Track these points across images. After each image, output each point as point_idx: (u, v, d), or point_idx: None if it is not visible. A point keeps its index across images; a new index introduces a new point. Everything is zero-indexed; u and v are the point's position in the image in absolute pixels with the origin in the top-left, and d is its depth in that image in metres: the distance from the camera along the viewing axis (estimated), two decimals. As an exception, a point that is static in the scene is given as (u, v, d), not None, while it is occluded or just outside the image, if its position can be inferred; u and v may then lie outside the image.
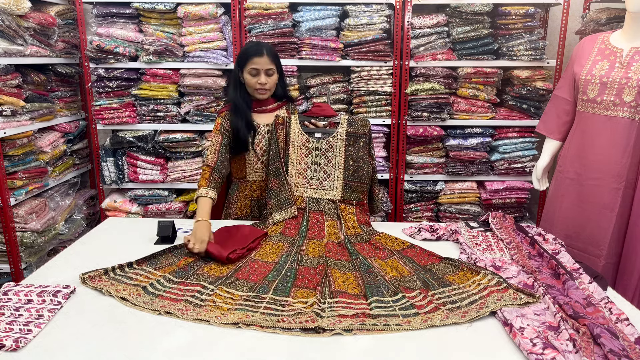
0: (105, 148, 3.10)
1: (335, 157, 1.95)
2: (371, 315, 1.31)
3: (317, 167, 1.94)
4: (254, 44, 2.01)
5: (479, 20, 2.91)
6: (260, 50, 1.96)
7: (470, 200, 3.18)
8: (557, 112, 2.30)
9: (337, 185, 1.98)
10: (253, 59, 1.95)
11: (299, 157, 1.95)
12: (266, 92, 2.03)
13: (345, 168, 1.96)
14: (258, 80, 1.98)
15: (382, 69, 3.02)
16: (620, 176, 2.03)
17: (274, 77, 2.02)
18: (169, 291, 1.44)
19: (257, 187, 2.12)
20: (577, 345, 1.13)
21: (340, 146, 1.96)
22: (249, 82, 2.00)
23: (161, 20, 2.99)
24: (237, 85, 2.05)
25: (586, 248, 2.16)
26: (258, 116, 2.08)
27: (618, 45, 2.05)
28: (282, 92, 2.13)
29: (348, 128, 1.97)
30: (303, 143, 1.96)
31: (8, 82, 2.57)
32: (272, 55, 1.98)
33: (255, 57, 1.95)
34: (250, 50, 1.97)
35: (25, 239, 2.70)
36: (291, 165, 1.97)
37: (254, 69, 1.97)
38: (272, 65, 1.98)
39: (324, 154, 1.96)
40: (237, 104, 2.03)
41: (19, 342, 1.17)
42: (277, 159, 1.97)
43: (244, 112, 2.02)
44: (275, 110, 2.12)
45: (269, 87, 2.02)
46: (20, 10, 2.56)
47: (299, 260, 1.66)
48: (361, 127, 1.98)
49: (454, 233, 1.93)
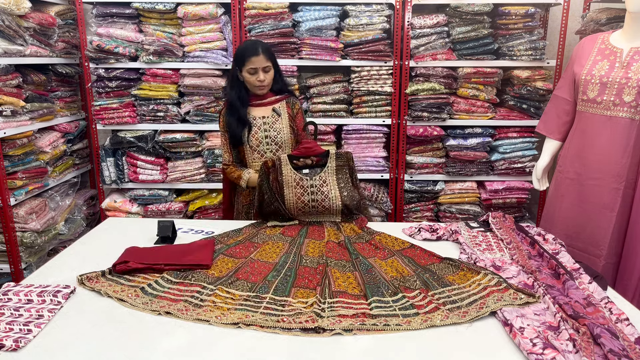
0: (105, 148, 3.10)
1: (331, 191, 1.98)
2: (371, 315, 1.31)
3: (314, 203, 1.98)
4: (249, 44, 2.11)
5: (479, 20, 2.91)
6: (256, 50, 2.07)
7: (470, 200, 3.18)
8: (557, 112, 2.30)
9: (337, 214, 2.02)
10: (250, 58, 2.07)
11: (295, 197, 1.98)
12: (265, 88, 2.16)
13: (342, 199, 1.99)
14: (257, 78, 2.10)
15: (382, 69, 3.02)
16: (620, 176, 2.03)
17: (271, 73, 2.14)
18: (168, 291, 1.44)
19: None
20: (577, 345, 1.13)
21: (333, 180, 2.00)
22: (249, 80, 2.12)
23: (161, 20, 2.99)
24: (235, 83, 2.17)
25: (586, 248, 2.16)
26: (255, 109, 2.19)
27: (618, 45, 2.05)
28: (280, 85, 2.22)
29: (337, 162, 2.02)
30: (297, 182, 1.99)
31: (8, 82, 2.57)
32: (267, 53, 2.09)
33: (253, 57, 2.06)
34: (247, 51, 2.08)
35: (25, 239, 2.70)
36: (289, 205, 1.99)
37: (251, 68, 2.08)
38: (268, 62, 2.10)
39: (319, 189, 1.98)
40: (231, 102, 2.17)
41: (19, 342, 1.17)
42: (274, 200, 1.98)
43: (238, 110, 2.15)
44: (273, 103, 2.21)
45: (267, 83, 2.14)
46: (20, 10, 2.56)
47: (299, 260, 1.66)
48: (345, 159, 2.04)
49: (454, 233, 1.93)
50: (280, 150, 2.18)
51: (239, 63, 2.11)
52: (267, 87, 2.15)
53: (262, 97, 2.19)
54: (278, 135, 2.17)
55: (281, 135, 2.17)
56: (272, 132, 2.16)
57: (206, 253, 1.67)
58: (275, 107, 2.20)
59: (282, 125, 2.18)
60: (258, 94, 2.17)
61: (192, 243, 1.80)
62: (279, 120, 2.18)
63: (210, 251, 1.69)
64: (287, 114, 2.21)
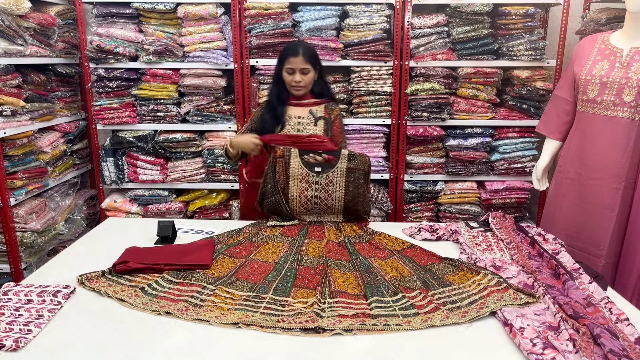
0: (105, 148, 3.10)
1: (335, 191, 1.99)
2: (371, 315, 1.31)
3: (317, 200, 2.00)
4: (292, 44, 2.17)
5: (479, 20, 2.91)
6: (296, 51, 2.10)
7: (470, 200, 3.18)
8: (557, 112, 2.30)
9: (338, 213, 2.04)
10: (289, 58, 2.10)
11: (299, 190, 1.99)
12: (301, 89, 2.17)
13: (346, 202, 2.00)
14: (293, 78, 2.13)
15: (382, 69, 3.02)
16: (620, 176, 2.03)
17: (310, 76, 2.15)
18: (168, 292, 1.44)
19: None
20: (577, 345, 1.13)
21: (340, 181, 1.99)
22: (286, 79, 2.16)
23: (161, 20, 2.99)
24: (276, 82, 2.22)
25: (586, 248, 2.16)
26: (292, 109, 2.21)
27: (618, 45, 2.05)
28: (321, 90, 2.23)
29: (348, 163, 1.99)
30: (303, 177, 1.99)
31: (8, 82, 2.57)
32: (307, 55, 2.11)
33: (291, 57, 2.10)
34: (287, 51, 2.13)
35: (25, 239, 2.70)
36: (291, 198, 1.99)
37: (289, 68, 2.12)
38: (307, 64, 2.11)
39: (324, 188, 1.99)
40: (271, 100, 2.23)
41: (19, 342, 1.17)
42: (276, 192, 1.98)
43: (275, 106, 2.18)
44: (312, 105, 2.23)
45: (304, 84, 2.15)
46: (20, 10, 2.56)
47: (299, 260, 1.66)
48: (361, 163, 1.99)
49: (454, 233, 1.93)
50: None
51: (280, 62, 2.15)
52: (303, 89, 2.17)
53: (301, 98, 2.21)
54: None
55: None
56: (305, 132, 2.15)
57: (206, 253, 1.67)
58: (312, 110, 2.20)
59: (317, 127, 2.17)
60: (294, 94, 2.20)
61: (192, 243, 1.80)
62: (314, 121, 2.18)
63: (210, 251, 1.69)
64: (324, 117, 2.21)
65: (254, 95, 3.05)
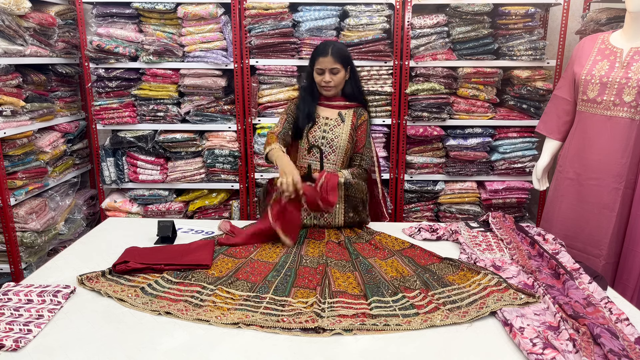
0: (105, 148, 3.10)
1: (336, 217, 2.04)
2: (371, 315, 1.31)
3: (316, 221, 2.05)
4: (322, 44, 2.11)
5: (479, 20, 2.91)
6: (325, 51, 2.05)
7: (470, 200, 3.18)
8: (557, 112, 2.30)
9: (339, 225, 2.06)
10: (319, 58, 2.06)
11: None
12: (331, 89, 2.12)
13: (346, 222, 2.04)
14: (323, 78, 2.08)
15: (382, 69, 3.02)
16: (620, 176, 2.03)
17: (340, 75, 2.09)
18: (168, 291, 1.44)
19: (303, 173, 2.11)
20: (577, 345, 1.13)
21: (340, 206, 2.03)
22: (316, 79, 2.12)
23: (161, 20, 2.99)
24: (309, 79, 2.18)
25: (585, 248, 2.16)
26: (322, 109, 2.17)
27: (618, 45, 2.05)
28: (352, 92, 2.17)
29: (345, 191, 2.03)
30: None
31: (8, 82, 2.57)
32: (337, 56, 2.05)
33: (321, 57, 2.05)
34: (317, 50, 2.09)
35: (25, 239, 2.70)
36: None
37: (319, 68, 2.08)
38: (336, 64, 2.06)
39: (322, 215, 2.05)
40: (303, 97, 2.19)
41: (19, 342, 1.17)
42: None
43: (308, 105, 2.15)
44: (341, 108, 2.18)
45: (334, 84, 2.10)
46: (20, 10, 2.56)
47: (299, 260, 1.66)
48: (358, 191, 2.05)
49: (454, 233, 1.93)
50: (333, 154, 2.12)
51: (312, 62, 2.11)
52: (333, 89, 2.11)
53: (331, 99, 2.16)
54: (335, 140, 2.10)
55: (338, 140, 2.10)
56: (331, 134, 2.10)
57: (206, 253, 1.67)
58: (341, 112, 2.15)
59: (343, 131, 2.11)
60: (324, 95, 2.16)
61: (192, 243, 1.80)
62: (341, 125, 2.12)
63: (210, 251, 1.69)
64: (351, 121, 2.14)
65: (254, 95, 3.05)
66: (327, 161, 2.11)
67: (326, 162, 2.11)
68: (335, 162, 2.13)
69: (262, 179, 3.16)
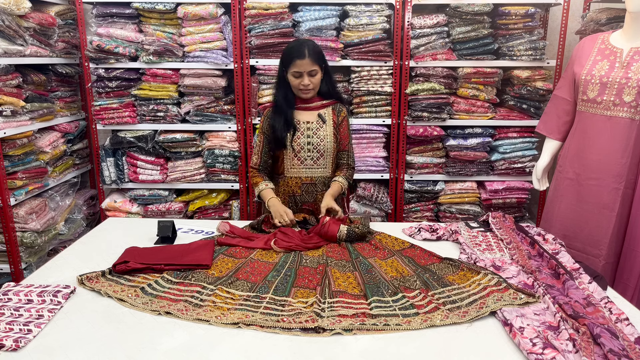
0: (105, 148, 3.10)
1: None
2: (371, 315, 1.31)
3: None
4: (296, 45, 1.99)
5: (479, 20, 2.91)
6: (302, 52, 1.94)
7: (470, 201, 3.18)
8: (557, 112, 2.30)
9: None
10: (295, 61, 1.95)
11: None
12: (310, 92, 2.04)
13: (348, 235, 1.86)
14: (301, 82, 1.99)
15: (382, 69, 3.02)
16: (620, 176, 2.03)
17: (318, 77, 2.02)
18: (168, 291, 1.44)
19: (294, 183, 2.12)
20: (577, 345, 1.13)
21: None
22: (293, 83, 2.01)
23: (161, 20, 2.99)
24: (281, 84, 2.07)
25: (584, 248, 2.16)
26: (300, 113, 2.09)
27: (618, 45, 2.05)
28: (328, 89, 2.10)
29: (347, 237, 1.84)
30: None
31: (8, 82, 2.57)
32: (314, 56, 1.96)
33: (297, 60, 1.94)
34: (293, 52, 1.96)
35: (25, 239, 2.70)
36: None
37: (296, 71, 1.97)
38: (314, 66, 1.97)
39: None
40: (277, 104, 2.07)
41: (19, 342, 1.17)
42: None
43: (285, 112, 2.05)
44: (320, 108, 2.11)
45: (313, 87, 2.02)
46: (20, 10, 2.56)
47: (299, 260, 1.66)
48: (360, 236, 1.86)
49: (454, 233, 1.93)
50: (322, 158, 2.08)
51: (285, 64, 1.99)
52: (312, 92, 2.04)
53: (308, 101, 2.08)
54: (321, 143, 2.06)
55: (324, 143, 2.07)
56: (315, 138, 2.06)
57: (206, 253, 1.67)
58: (320, 113, 2.08)
59: (326, 132, 2.07)
60: (302, 98, 2.07)
61: (192, 243, 1.80)
62: (323, 127, 2.07)
63: (210, 251, 1.69)
64: (332, 121, 2.10)
65: (254, 95, 3.05)
66: (317, 166, 2.08)
67: (316, 167, 2.08)
68: (325, 165, 2.11)
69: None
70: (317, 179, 2.12)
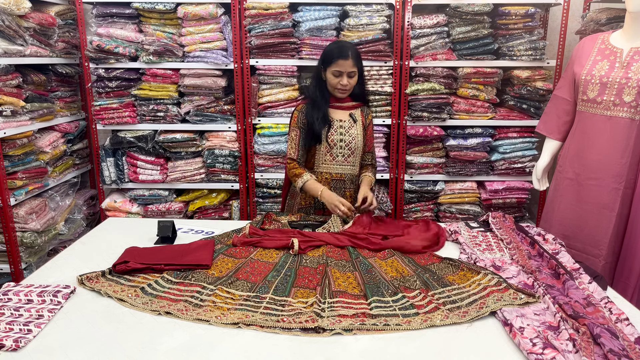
0: (105, 148, 3.10)
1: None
2: (371, 315, 1.31)
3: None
4: (339, 45, 2.07)
5: (479, 20, 2.91)
6: (346, 54, 2.01)
7: (470, 200, 3.18)
8: (557, 112, 2.30)
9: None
10: (338, 60, 2.02)
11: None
12: (346, 92, 2.12)
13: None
14: (340, 81, 2.05)
15: (382, 69, 3.02)
16: (620, 176, 2.03)
17: (355, 79, 2.09)
18: (168, 291, 1.44)
19: (323, 179, 2.16)
20: (577, 345, 1.13)
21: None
22: (331, 81, 2.07)
23: (161, 20, 2.99)
24: (318, 82, 2.13)
25: (584, 248, 2.16)
26: (334, 111, 2.16)
27: (618, 45, 2.05)
28: (359, 92, 2.18)
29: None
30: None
31: (8, 82, 2.57)
32: (356, 58, 2.04)
33: (340, 60, 2.01)
34: (336, 52, 2.03)
35: (25, 239, 2.70)
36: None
37: (337, 70, 2.03)
38: (355, 68, 2.04)
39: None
40: (315, 100, 2.13)
41: (19, 342, 1.17)
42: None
43: (322, 107, 2.11)
44: (352, 108, 2.19)
45: (349, 88, 2.10)
46: (20, 10, 2.56)
47: (299, 260, 1.66)
48: None
49: (454, 233, 1.93)
50: (352, 156, 2.15)
51: (326, 62, 2.06)
52: (347, 92, 2.12)
53: (342, 101, 2.16)
54: (352, 141, 2.14)
55: (355, 141, 2.14)
56: (347, 136, 2.13)
57: (206, 253, 1.67)
58: (352, 113, 2.17)
59: (357, 132, 2.15)
60: (337, 97, 2.14)
61: (192, 243, 1.80)
62: (354, 126, 2.15)
63: (210, 251, 1.69)
64: (361, 122, 2.18)
65: (254, 95, 3.05)
66: (347, 164, 2.15)
67: (347, 164, 2.15)
68: (354, 163, 2.18)
69: (262, 178, 3.16)
70: (347, 175, 2.18)
